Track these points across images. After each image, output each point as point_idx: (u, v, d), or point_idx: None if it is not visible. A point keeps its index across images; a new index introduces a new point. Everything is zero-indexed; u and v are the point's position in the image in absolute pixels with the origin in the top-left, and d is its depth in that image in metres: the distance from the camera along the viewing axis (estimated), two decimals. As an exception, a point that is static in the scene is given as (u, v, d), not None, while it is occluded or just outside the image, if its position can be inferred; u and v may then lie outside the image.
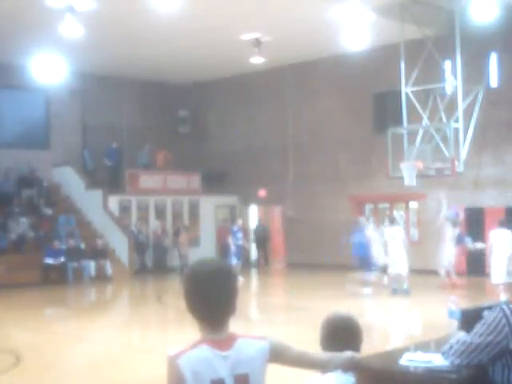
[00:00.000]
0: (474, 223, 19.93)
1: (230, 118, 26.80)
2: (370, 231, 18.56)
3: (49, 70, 20.44)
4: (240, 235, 21.16)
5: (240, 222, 21.65)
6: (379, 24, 18.88)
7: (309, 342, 3.64)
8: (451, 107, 18.68)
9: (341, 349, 3.24)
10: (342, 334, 3.43)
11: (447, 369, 3.39)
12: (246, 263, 25.14)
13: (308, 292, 17.68)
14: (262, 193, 25.57)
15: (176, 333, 12.33)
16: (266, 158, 25.53)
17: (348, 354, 3.18)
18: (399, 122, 19.49)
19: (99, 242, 22.15)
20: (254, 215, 26.93)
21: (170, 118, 27.47)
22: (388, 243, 16.57)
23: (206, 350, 2.66)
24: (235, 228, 21.13)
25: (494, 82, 20.00)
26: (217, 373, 2.65)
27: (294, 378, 4.37)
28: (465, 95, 18.65)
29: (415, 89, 19.12)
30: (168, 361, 2.66)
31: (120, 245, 22.76)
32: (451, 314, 4.30)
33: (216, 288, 2.70)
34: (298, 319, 14.04)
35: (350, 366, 3.19)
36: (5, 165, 23.32)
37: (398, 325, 13.84)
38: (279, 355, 2.86)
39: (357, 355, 3.26)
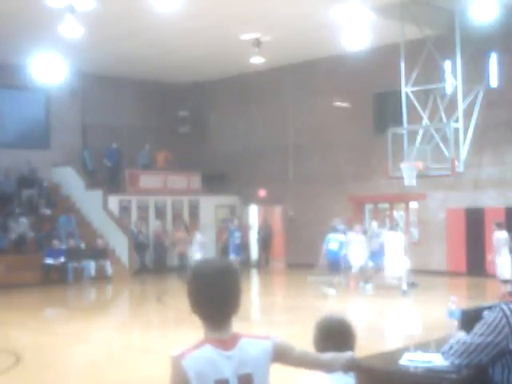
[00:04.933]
0: (474, 223, 19.94)
1: (229, 118, 26.79)
2: (351, 234, 18.28)
3: (49, 69, 20.43)
4: (238, 234, 22.46)
5: (236, 221, 22.41)
6: (379, 24, 18.88)
7: (309, 342, 3.65)
8: (451, 107, 18.69)
9: (334, 350, 3.24)
10: (335, 335, 3.45)
11: (447, 369, 3.39)
12: (247, 263, 25.20)
13: (308, 292, 17.68)
14: (262, 193, 25.57)
15: (176, 333, 12.33)
16: (266, 158, 25.52)
17: (350, 354, 3.18)
18: (399, 122, 19.49)
19: (99, 242, 22.14)
20: (254, 215, 26.94)
21: (170, 118, 27.46)
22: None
23: (209, 350, 2.66)
24: (232, 227, 22.10)
25: (493, 82, 20.00)
26: (221, 373, 2.65)
27: (293, 378, 4.37)
28: (465, 95, 18.66)
29: (415, 89, 19.12)
30: (172, 361, 2.65)
31: (120, 245, 22.76)
32: (451, 314, 4.30)
33: (220, 287, 2.70)
34: (298, 319, 14.04)
35: (351, 367, 3.19)
36: (5, 165, 23.32)
37: (398, 325, 13.84)
38: (282, 355, 2.86)
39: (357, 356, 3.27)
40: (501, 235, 15.16)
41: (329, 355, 3.14)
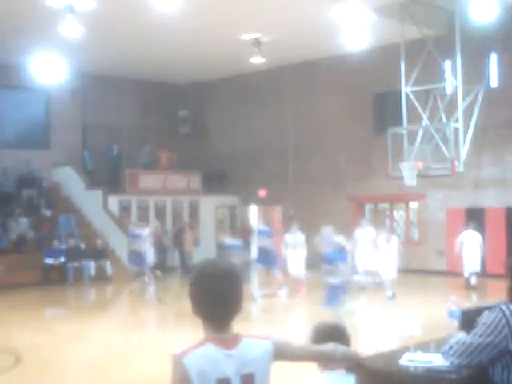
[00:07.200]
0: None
1: (229, 118, 26.79)
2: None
3: (49, 69, 20.44)
4: None
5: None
6: (379, 24, 18.88)
7: (309, 341, 3.67)
8: (451, 107, 18.68)
9: None
10: (330, 339, 3.46)
11: (447, 369, 3.39)
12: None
13: (307, 291, 17.66)
14: (262, 193, 25.56)
15: (176, 333, 12.34)
16: (266, 158, 25.52)
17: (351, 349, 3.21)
18: (399, 122, 19.48)
19: (99, 242, 22.14)
20: (254, 215, 26.91)
21: (170, 118, 27.47)
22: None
23: (211, 349, 2.67)
24: None
25: (493, 82, 19.99)
26: (223, 372, 2.66)
27: (295, 377, 4.38)
28: (465, 95, 18.64)
29: (415, 89, 19.11)
30: (173, 360, 2.65)
31: (120, 245, 22.75)
32: (451, 314, 4.31)
33: (223, 289, 2.71)
34: (297, 319, 14.04)
35: (351, 358, 3.21)
36: (4, 165, 23.32)
37: (397, 325, 13.83)
38: (283, 353, 2.88)
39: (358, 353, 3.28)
40: (473, 236, 16.54)
41: (329, 345, 3.16)
